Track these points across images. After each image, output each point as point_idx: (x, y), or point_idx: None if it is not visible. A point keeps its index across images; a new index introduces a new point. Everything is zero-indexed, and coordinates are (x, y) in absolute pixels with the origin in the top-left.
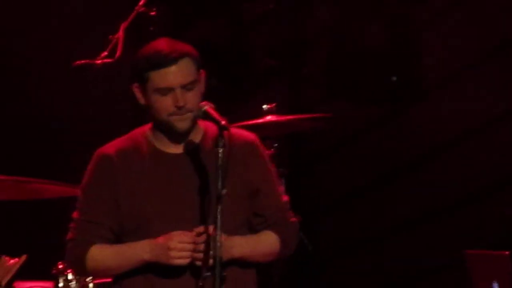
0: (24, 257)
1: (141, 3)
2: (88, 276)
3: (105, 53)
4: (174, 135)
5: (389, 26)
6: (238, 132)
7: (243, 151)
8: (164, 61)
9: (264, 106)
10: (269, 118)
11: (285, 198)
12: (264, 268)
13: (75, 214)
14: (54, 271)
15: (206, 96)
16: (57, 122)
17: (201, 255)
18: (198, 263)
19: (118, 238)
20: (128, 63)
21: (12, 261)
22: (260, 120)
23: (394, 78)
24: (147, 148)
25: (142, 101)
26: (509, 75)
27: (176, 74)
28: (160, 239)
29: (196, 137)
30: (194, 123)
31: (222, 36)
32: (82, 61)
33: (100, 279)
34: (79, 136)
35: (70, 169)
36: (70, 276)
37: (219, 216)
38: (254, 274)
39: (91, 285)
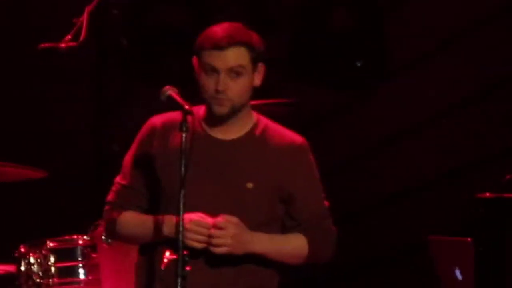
0: None
1: None
2: (119, 240)
3: (69, 36)
4: (213, 118)
5: (355, 9)
6: (287, 133)
7: (287, 153)
8: (216, 43)
9: None
10: None
11: (326, 205)
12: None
13: (117, 177)
14: (16, 254)
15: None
16: (17, 103)
17: (218, 241)
18: (213, 249)
19: (152, 208)
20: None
21: None
22: None
23: (359, 64)
24: (193, 125)
25: (196, 75)
26: (474, 57)
27: (223, 58)
28: None
29: (244, 126)
30: (234, 111)
31: (184, 20)
32: (47, 44)
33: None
34: (38, 118)
35: (29, 152)
36: (32, 260)
37: (182, 200)
38: (274, 274)
39: (53, 268)
